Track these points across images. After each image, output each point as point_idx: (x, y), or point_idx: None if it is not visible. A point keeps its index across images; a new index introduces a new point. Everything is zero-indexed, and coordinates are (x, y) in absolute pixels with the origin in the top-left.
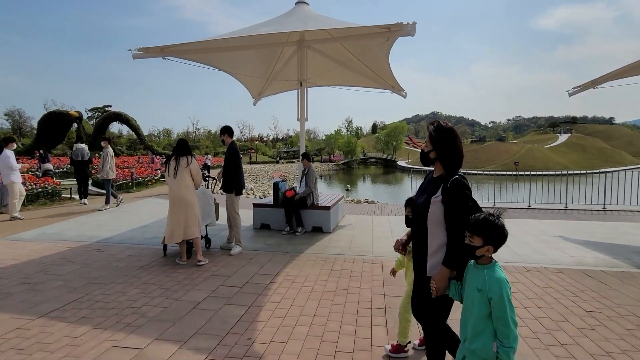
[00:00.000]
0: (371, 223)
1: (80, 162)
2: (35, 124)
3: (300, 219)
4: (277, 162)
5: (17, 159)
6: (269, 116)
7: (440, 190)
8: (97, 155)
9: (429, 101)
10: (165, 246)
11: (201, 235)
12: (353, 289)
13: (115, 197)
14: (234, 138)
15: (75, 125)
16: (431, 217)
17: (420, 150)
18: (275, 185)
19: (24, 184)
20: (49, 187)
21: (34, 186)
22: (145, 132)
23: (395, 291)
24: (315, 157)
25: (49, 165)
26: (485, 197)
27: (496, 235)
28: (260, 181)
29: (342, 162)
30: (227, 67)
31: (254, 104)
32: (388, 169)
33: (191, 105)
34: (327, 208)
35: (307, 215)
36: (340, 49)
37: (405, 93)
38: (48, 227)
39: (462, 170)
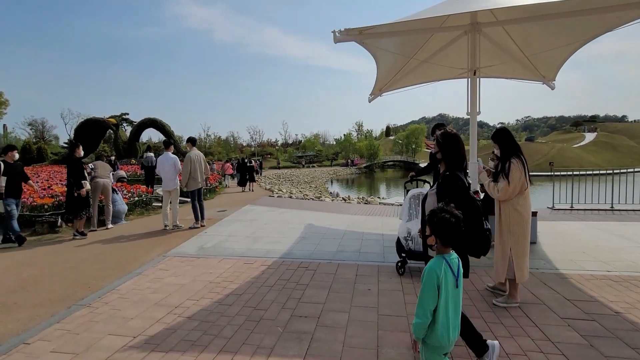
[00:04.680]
0: (546, 229)
1: (150, 167)
2: (57, 133)
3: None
4: (304, 166)
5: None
6: (279, 122)
7: (436, 184)
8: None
9: (435, 103)
10: (402, 263)
11: None
12: None
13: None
14: None
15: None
16: (427, 206)
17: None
18: None
19: (124, 195)
20: (143, 196)
21: (131, 194)
22: (156, 139)
23: None
24: (334, 161)
25: (121, 173)
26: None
27: (438, 226)
28: (301, 185)
29: (364, 165)
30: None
31: (370, 101)
32: (409, 172)
33: (201, 112)
34: (533, 214)
35: None
36: (502, 32)
37: (554, 84)
38: (194, 240)
39: None
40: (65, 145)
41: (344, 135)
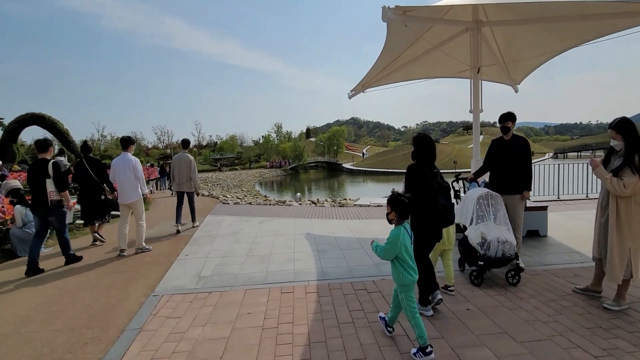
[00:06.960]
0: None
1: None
2: None
3: None
4: (220, 169)
5: None
6: (190, 122)
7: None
8: (10, 168)
9: (347, 107)
10: (478, 272)
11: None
12: None
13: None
14: None
15: None
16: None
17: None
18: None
19: None
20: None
21: None
22: (29, 139)
23: None
24: (255, 164)
25: (14, 182)
26: None
27: (397, 205)
28: (233, 189)
29: (290, 167)
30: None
31: (350, 97)
32: (333, 172)
33: (93, 109)
34: (544, 208)
35: None
36: (490, 35)
37: (518, 87)
38: (179, 267)
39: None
40: None
41: (263, 136)
